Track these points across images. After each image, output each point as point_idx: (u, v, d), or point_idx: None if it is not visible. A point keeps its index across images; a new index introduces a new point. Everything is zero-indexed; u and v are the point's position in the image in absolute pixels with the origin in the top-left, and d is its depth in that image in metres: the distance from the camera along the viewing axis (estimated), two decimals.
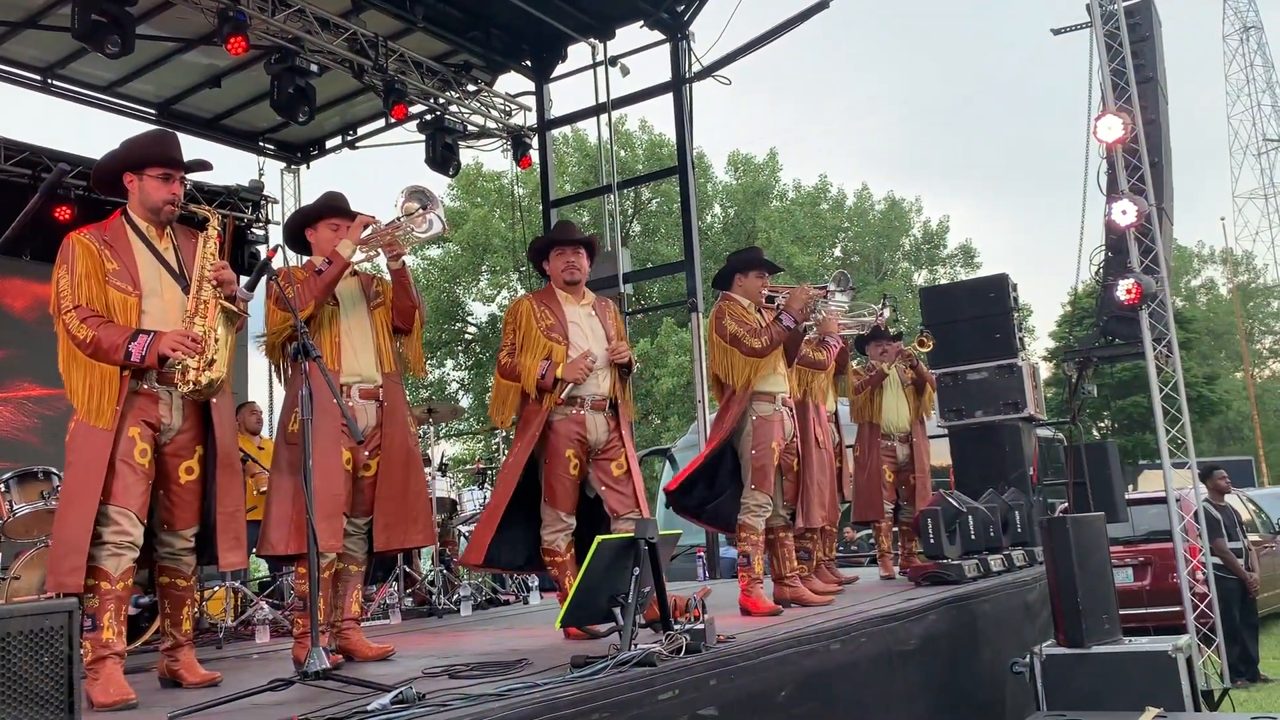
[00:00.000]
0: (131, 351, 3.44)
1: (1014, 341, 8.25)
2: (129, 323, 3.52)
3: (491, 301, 28.78)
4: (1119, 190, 7.16)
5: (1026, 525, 7.26)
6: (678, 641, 3.47)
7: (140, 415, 3.54)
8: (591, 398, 4.68)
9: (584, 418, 4.66)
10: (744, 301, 5.41)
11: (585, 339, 4.72)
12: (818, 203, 31.92)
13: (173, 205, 3.71)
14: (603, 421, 4.72)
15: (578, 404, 4.66)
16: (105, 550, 3.41)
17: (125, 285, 3.56)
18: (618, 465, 4.70)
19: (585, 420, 4.66)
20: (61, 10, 8.44)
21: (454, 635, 5.42)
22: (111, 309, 3.52)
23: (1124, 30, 7.29)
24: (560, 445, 4.64)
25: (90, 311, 3.49)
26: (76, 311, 3.48)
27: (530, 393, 4.64)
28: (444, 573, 7.11)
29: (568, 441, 4.63)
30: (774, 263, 5.70)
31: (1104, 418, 29.04)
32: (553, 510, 4.67)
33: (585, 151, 26.94)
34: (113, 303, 3.53)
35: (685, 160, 10.59)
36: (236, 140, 11.66)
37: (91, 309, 3.50)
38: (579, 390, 4.64)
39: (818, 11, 9.71)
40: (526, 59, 11.15)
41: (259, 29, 8.51)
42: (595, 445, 4.69)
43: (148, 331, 3.51)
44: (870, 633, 4.56)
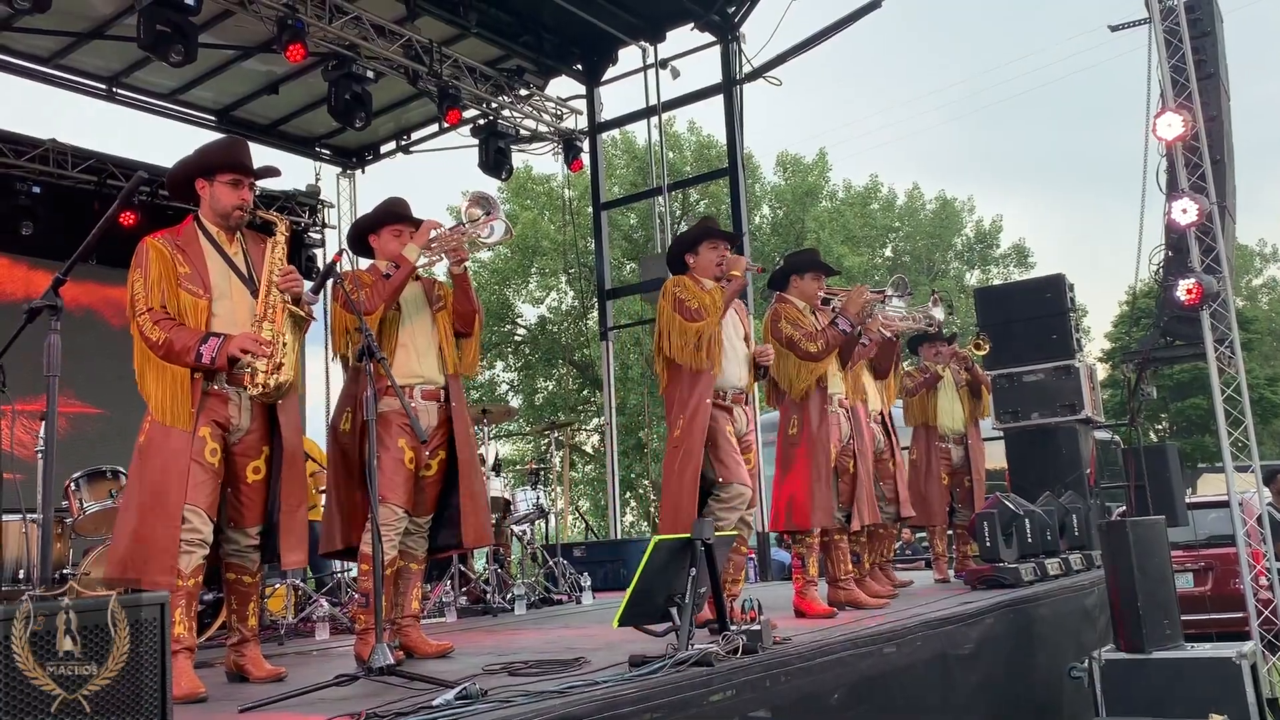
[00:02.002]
0: (202, 353, 3.54)
1: (1071, 342, 8.15)
2: (199, 325, 3.61)
3: (540, 304, 28.94)
4: (1179, 188, 7.03)
5: (1084, 529, 7.17)
6: (734, 642, 3.49)
7: (210, 415, 3.63)
8: (733, 390, 4.76)
9: (731, 408, 4.74)
10: (799, 304, 5.40)
11: (729, 334, 4.80)
12: (868, 203, 31.70)
13: (241, 210, 3.82)
14: (742, 414, 4.80)
15: (722, 395, 4.72)
16: (178, 548, 3.50)
17: (196, 289, 3.66)
18: (746, 459, 4.75)
19: (733, 411, 4.74)
20: (127, 21, 8.66)
21: (510, 633, 5.48)
22: (183, 312, 3.62)
23: (1184, 26, 7.16)
24: (719, 431, 4.68)
25: (163, 314, 3.60)
26: (150, 314, 3.59)
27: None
28: (498, 571, 7.18)
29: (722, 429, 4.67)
30: (830, 264, 5.68)
31: (1162, 420, 28.50)
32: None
33: (633, 154, 26.99)
34: (184, 306, 3.62)
35: (736, 161, 10.60)
36: (293, 146, 11.87)
37: (164, 312, 3.60)
38: (724, 382, 4.71)
39: (870, 11, 9.67)
40: (577, 63, 11.23)
41: (316, 36, 8.67)
42: (739, 434, 4.75)
43: (218, 334, 3.60)
44: (926, 636, 4.53)
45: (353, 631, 5.75)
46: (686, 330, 4.61)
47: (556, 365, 28.44)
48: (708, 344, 4.60)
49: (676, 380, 4.70)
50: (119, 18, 8.97)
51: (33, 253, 9.56)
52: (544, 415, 26.62)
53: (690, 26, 10.59)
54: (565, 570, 7.71)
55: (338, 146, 12.17)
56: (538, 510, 7.74)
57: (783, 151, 31.02)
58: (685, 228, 30.02)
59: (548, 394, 28.43)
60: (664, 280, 5.00)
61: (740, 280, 4.77)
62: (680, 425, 4.59)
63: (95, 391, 9.60)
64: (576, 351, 27.38)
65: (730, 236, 5.02)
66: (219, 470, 3.64)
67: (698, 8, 10.24)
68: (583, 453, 28.79)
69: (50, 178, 9.83)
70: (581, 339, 26.55)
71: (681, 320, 4.64)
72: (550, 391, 28.55)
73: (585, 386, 27.93)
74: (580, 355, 27.22)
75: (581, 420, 27.40)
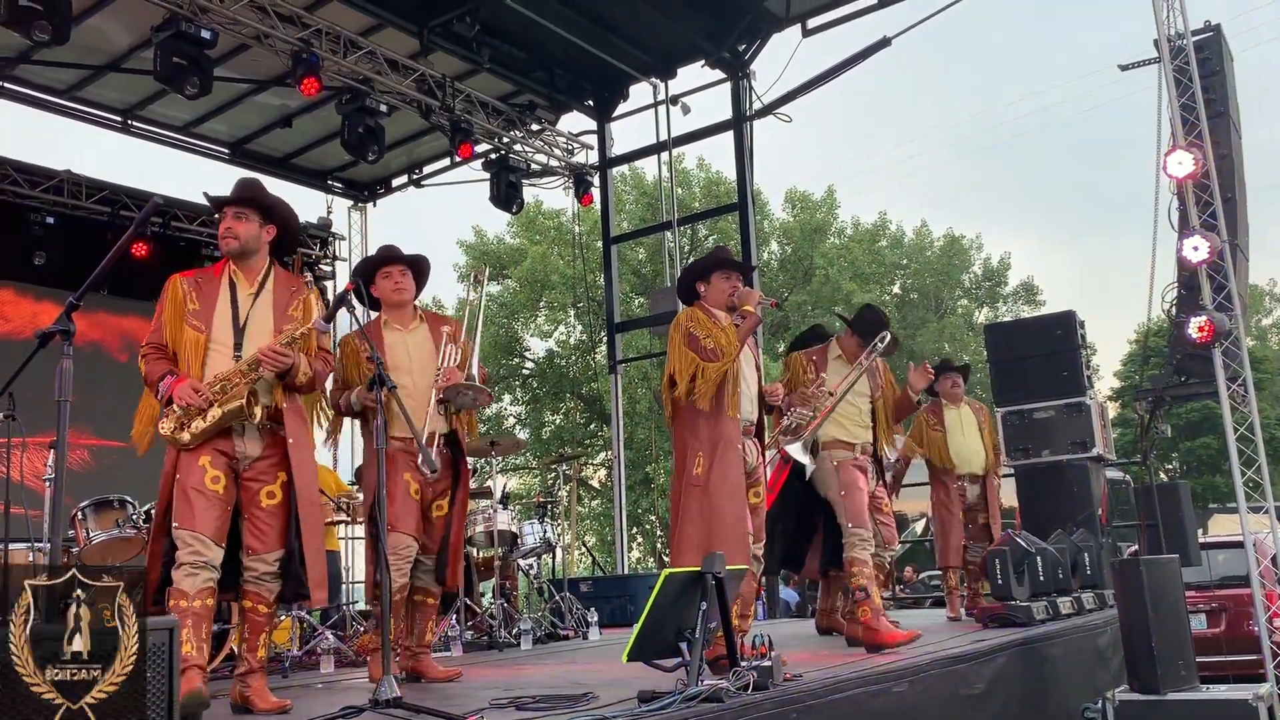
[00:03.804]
0: (160, 389, 3.74)
1: (1082, 379, 8.10)
2: (196, 359, 3.75)
3: (549, 337, 28.97)
4: (1190, 226, 7.03)
5: (1096, 567, 7.09)
6: (745, 678, 3.45)
7: (214, 444, 3.72)
8: (744, 424, 4.67)
9: (744, 443, 4.66)
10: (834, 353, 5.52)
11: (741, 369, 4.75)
12: (876, 239, 31.76)
13: (232, 239, 3.90)
14: (753, 448, 4.73)
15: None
16: (182, 570, 3.59)
17: (199, 324, 3.80)
18: (755, 494, 4.68)
19: (745, 446, 4.66)
20: (143, 54, 8.76)
21: (516, 668, 5.43)
22: (185, 346, 3.77)
23: (1194, 65, 7.18)
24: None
25: (152, 348, 3.82)
26: (144, 348, 3.84)
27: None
28: (504, 606, 7.13)
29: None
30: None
31: (1172, 459, 28.32)
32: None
33: (642, 189, 27.12)
34: (187, 341, 3.78)
35: (746, 197, 10.65)
36: (305, 179, 11.96)
37: (154, 346, 3.82)
38: (742, 414, 4.63)
39: (879, 49, 9.72)
40: (589, 98, 11.32)
41: (330, 70, 8.76)
42: (750, 471, 4.67)
43: (175, 372, 3.76)
44: (939, 674, 4.48)
45: (358, 664, 5.74)
46: (707, 371, 4.46)
47: (564, 399, 28.42)
48: (731, 385, 4.50)
49: (693, 415, 4.56)
50: (135, 51, 9.08)
51: (43, 282, 9.59)
52: (550, 449, 26.56)
53: (701, 63, 10.67)
54: (572, 605, 7.65)
55: (349, 180, 12.26)
56: (545, 544, 7.68)
57: (791, 188, 31.17)
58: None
59: (555, 427, 28.38)
60: (672, 313, 4.99)
61: (755, 317, 4.70)
62: (701, 463, 4.47)
63: (113, 425, 9.61)
64: (584, 385, 27.37)
65: (743, 267, 4.97)
66: (225, 497, 3.70)
67: (709, 45, 10.32)
68: (589, 487, 28.70)
69: (64, 208, 9.91)
70: (589, 373, 26.54)
71: (697, 359, 4.50)
72: (557, 425, 28.51)
73: (592, 420, 27.89)
74: (587, 389, 27.20)
75: (589, 454, 27.31)
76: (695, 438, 4.53)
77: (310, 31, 8.59)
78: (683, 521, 4.47)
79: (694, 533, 4.39)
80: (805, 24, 10.14)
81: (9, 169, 9.61)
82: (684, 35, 10.10)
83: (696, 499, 4.45)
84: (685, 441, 4.58)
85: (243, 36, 8.39)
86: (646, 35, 10.25)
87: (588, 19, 9.78)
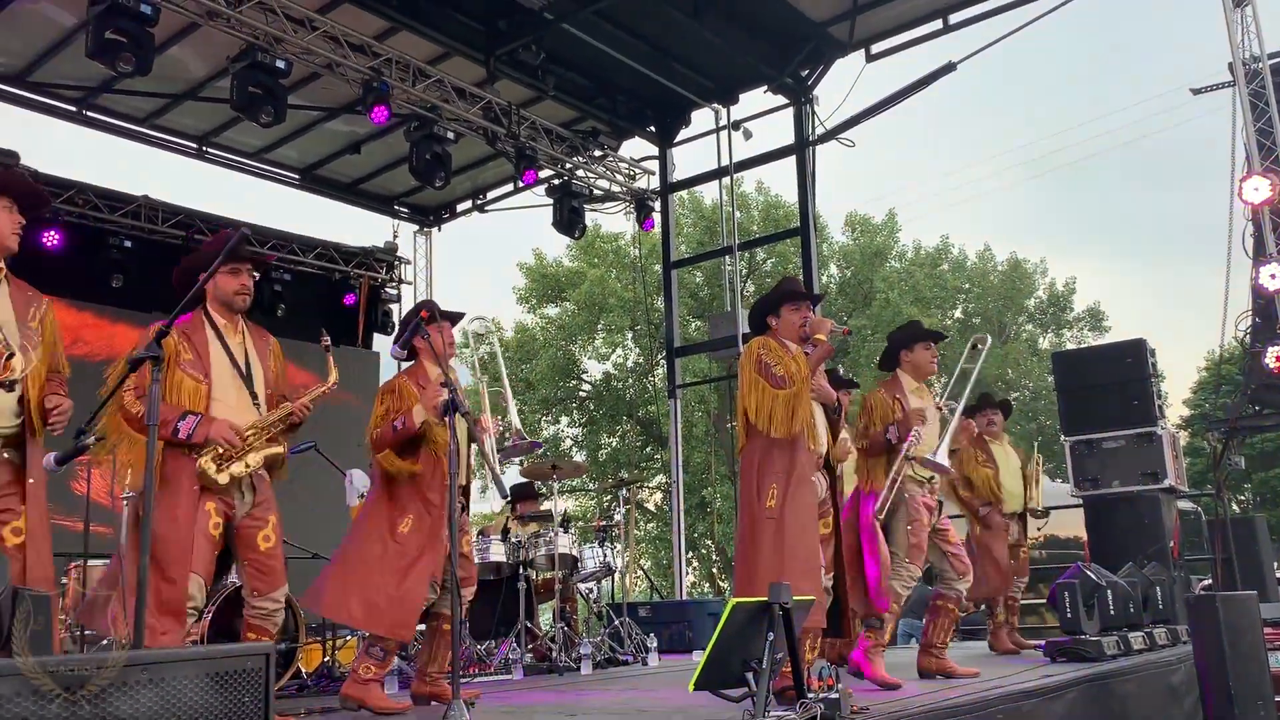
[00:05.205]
0: (179, 429, 3.76)
1: (1153, 409, 7.93)
2: (198, 407, 3.85)
3: (606, 360, 29.09)
4: (1266, 253, 6.89)
5: (1168, 602, 6.92)
6: (812, 710, 3.42)
7: (218, 492, 3.87)
8: (816, 454, 4.62)
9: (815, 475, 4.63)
10: (910, 384, 5.44)
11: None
12: (938, 263, 31.44)
13: (243, 295, 4.07)
14: (823, 480, 4.69)
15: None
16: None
17: (197, 374, 3.91)
18: (824, 524, 4.64)
19: (817, 477, 4.63)
20: (219, 83, 9.02)
21: (577, 692, 5.43)
22: (183, 394, 3.86)
23: (1270, 89, 7.06)
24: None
25: (144, 391, 3.79)
26: (134, 391, 3.76)
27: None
28: (564, 629, 7.15)
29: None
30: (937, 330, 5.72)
31: (1244, 491, 27.54)
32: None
33: (700, 212, 27.17)
34: (185, 389, 3.86)
35: (808, 222, 10.63)
36: (372, 203, 12.20)
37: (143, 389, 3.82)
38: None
39: (943, 74, 9.66)
40: (651, 124, 11.41)
41: (399, 98, 8.94)
42: (819, 502, 4.62)
43: (196, 414, 3.82)
44: (1007, 710, 4.39)
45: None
46: (776, 399, 4.42)
47: (620, 421, 28.47)
48: (805, 414, 4.44)
49: (766, 445, 4.50)
50: (211, 80, 9.36)
51: (121, 304, 9.86)
52: (606, 471, 26.58)
53: (763, 89, 10.70)
54: (631, 630, 7.64)
55: (415, 204, 12.47)
56: (605, 568, 7.70)
57: (851, 212, 31.00)
58: (753, 287, 30.15)
59: (611, 450, 28.43)
60: (731, 338, 4.98)
61: (826, 346, 4.63)
62: (775, 495, 4.41)
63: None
64: (640, 408, 27.40)
65: (812, 298, 4.92)
66: (218, 543, 3.88)
67: (771, 71, 10.35)
68: (644, 510, 28.67)
69: (141, 232, 10.21)
70: (645, 395, 26.57)
71: (767, 385, 4.47)
72: (613, 448, 28.55)
73: (648, 443, 27.89)
74: (644, 412, 27.23)
75: (645, 477, 27.31)
76: (770, 468, 4.47)
77: (380, 60, 8.78)
78: (754, 552, 4.41)
79: (766, 564, 4.32)
80: (869, 49, 10.13)
81: (90, 194, 9.93)
82: (746, 61, 10.15)
83: (770, 531, 4.39)
84: (757, 471, 4.52)
85: (315, 65, 8.60)
86: (708, 62, 10.32)
87: (651, 46, 9.87)
